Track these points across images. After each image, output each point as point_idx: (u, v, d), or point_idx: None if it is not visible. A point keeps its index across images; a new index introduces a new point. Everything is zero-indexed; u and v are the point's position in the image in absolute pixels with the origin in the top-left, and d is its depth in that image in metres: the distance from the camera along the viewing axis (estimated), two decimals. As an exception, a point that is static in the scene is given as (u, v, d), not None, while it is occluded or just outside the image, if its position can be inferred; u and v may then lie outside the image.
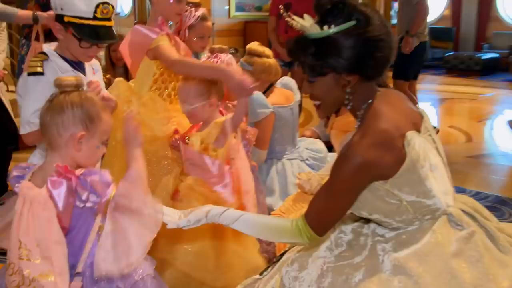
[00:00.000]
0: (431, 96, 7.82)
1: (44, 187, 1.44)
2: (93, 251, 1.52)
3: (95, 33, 1.94)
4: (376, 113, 1.51)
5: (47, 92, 1.86)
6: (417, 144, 1.50)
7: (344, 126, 2.48)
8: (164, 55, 2.27)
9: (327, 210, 1.53)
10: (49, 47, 2.02)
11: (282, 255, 1.81)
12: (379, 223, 1.61)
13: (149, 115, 2.33)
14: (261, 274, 1.81)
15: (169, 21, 2.53)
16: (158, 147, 2.33)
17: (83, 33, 1.92)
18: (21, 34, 3.94)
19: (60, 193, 1.44)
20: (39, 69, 1.93)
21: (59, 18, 1.94)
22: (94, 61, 2.17)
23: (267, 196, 2.96)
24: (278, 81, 3.18)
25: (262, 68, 2.95)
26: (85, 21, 1.90)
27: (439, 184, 1.54)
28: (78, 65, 2.04)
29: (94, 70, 2.11)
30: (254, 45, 3.00)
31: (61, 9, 1.92)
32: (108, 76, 3.03)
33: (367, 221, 1.65)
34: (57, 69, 1.96)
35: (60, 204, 1.44)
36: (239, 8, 9.51)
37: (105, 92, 2.09)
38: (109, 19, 1.96)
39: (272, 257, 2.30)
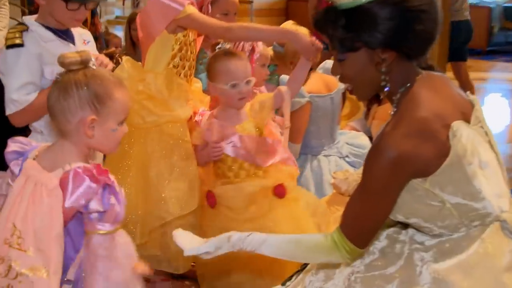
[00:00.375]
0: (502, 85, 7.08)
1: (55, 173, 1.31)
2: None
3: None
4: (415, 98, 1.37)
5: (31, 65, 1.82)
6: (465, 136, 1.34)
7: (387, 116, 2.19)
8: (205, 23, 2.11)
9: (364, 216, 1.39)
10: (29, 18, 1.92)
11: (307, 263, 1.66)
12: (418, 229, 1.46)
13: (166, 94, 2.15)
14: (283, 284, 1.68)
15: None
16: (177, 130, 2.17)
17: None
18: (29, 9, 3.81)
19: (76, 188, 1.28)
20: (17, 41, 1.83)
21: None
22: (84, 31, 2.08)
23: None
24: (320, 66, 2.95)
25: (295, 50, 2.60)
26: None
27: (491, 184, 1.38)
28: (64, 34, 1.94)
29: (85, 41, 2.01)
30: (287, 24, 2.70)
31: None
32: (112, 50, 2.80)
33: (405, 226, 1.51)
34: (39, 39, 1.87)
35: (70, 198, 1.29)
36: (281, -15, 9.17)
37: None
38: None
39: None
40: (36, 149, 1.43)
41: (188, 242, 1.52)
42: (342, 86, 2.85)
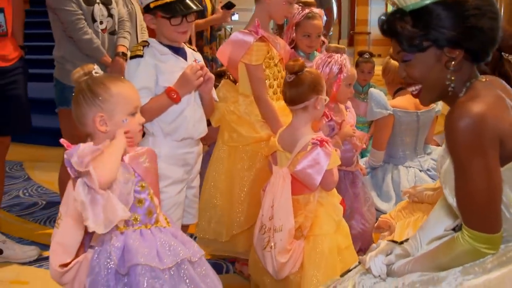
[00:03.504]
0: None
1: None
2: None
3: (177, 7, 2.04)
4: (481, 92, 1.34)
5: (148, 73, 2.05)
6: None
7: None
8: (253, 82, 2.35)
9: (478, 199, 1.28)
10: (151, 38, 2.17)
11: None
12: None
13: (255, 115, 2.39)
14: (342, 275, 1.68)
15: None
16: (261, 148, 2.37)
17: (169, 10, 2.05)
18: None
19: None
20: (138, 53, 2.08)
21: (147, 8, 2.09)
22: (196, 53, 2.29)
23: (384, 201, 2.89)
24: None
25: (393, 69, 2.92)
26: (168, 0, 2.04)
27: None
28: (177, 50, 2.16)
29: (196, 60, 2.19)
30: None
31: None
32: (223, 68, 3.07)
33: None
34: (157, 52, 2.10)
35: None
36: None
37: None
38: None
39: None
40: None
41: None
42: (438, 108, 3.04)
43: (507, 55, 1.99)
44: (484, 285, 1.29)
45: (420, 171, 2.95)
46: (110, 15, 2.94)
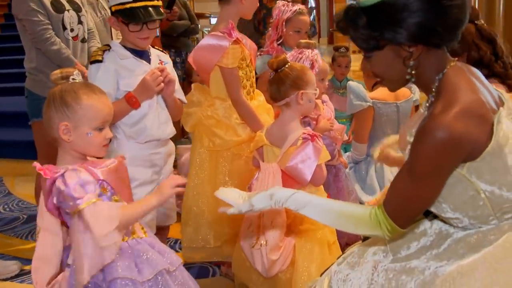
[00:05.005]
0: None
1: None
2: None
3: (137, 14, 2.02)
4: (458, 83, 1.28)
5: (108, 78, 2.02)
6: (505, 125, 1.26)
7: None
8: (229, 85, 2.30)
9: (410, 198, 1.30)
10: (115, 42, 2.16)
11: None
12: (446, 221, 1.38)
13: (234, 118, 2.35)
14: (321, 274, 1.63)
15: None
16: (243, 150, 2.35)
17: (127, 16, 2.02)
18: None
19: (45, 189, 1.47)
20: (98, 57, 2.06)
21: (110, 11, 2.07)
22: (163, 54, 2.26)
23: (368, 194, 2.86)
24: None
25: None
26: (127, 5, 2.02)
27: None
28: (140, 54, 2.14)
29: (162, 61, 2.18)
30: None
31: (108, 0, 2.08)
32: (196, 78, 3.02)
33: (431, 217, 1.45)
34: (117, 57, 2.08)
35: (45, 198, 1.47)
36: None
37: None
38: None
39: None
40: None
41: (232, 197, 1.53)
42: (416, 97, 3.02)
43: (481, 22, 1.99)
44: (457, 271, 1.28)
45: (404, 162, 2.93)
46: (81, 22, 2.88)
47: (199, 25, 4.73)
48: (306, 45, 2.42)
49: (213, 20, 8.54)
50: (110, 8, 2.07)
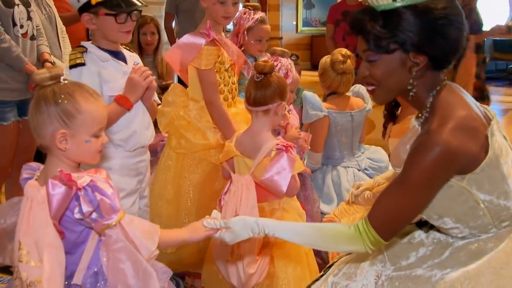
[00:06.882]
0: (494, 107, 7.50)
1: (44, 187, 1.31)
2: (92, 263, 1.40)
3: (121, 3, 1.90)
4: (451, 100, 1.37)
5: (92, 82, 1.80)
6: (498, 137, 1.35)
7: (403, 134, 2.37)
8: (204, 87, 2.26)
9: (398, 210, 1.34)
10: (86, 43, 2.00)
11: (330, 267, 1.64)
12: (445, 231, 1.42)
13: (205, 120, 2.30)
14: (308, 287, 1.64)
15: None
16: (209, 155, 2.30)
17: (115, 6, 1.89)
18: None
19: (56, 197, 1.28)
20: (79, 61, 1.90)
21: (86, 7, 1.90)
22: (134, 55, 2.16)
23: (326, 204, 2.89)
24: (350, 89, 3.12)
25: (333, 77, 2.96)
26: None
27: None
28: (117, 55, 2.02)
29: (134, 62, 2.08)
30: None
31: None
32: (169, 82, 2.95)
33: (427, 229, 1.49)
34: (97, 59, 1.95)
35: (53, 208, 1.29)
36: (306, 23, 9.98)
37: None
38: None
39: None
40: (39, 170, 1.44)
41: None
42: (369, 107, 3.12)
43: None
44: (464, 277, 1.33)
45: (358, 170, 3.01)
46: (30, 18, 2.69)
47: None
48: (281, 53, 2.40)
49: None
50: (86, 3, 1.89)
